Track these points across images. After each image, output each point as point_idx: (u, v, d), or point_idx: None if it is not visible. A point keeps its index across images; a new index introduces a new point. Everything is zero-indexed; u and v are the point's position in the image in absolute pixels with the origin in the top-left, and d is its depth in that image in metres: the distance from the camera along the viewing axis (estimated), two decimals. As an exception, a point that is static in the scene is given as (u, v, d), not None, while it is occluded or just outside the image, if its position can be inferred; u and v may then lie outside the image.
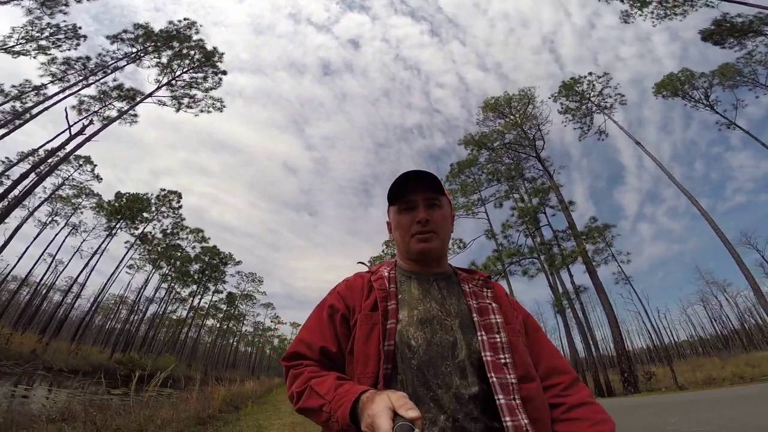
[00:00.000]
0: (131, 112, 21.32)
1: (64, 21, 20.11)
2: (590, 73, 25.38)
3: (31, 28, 19.40)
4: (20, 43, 19.47)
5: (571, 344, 19.77)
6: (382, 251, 33.57)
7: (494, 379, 0.79)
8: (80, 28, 20.46)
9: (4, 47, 19.41)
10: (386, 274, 1.03)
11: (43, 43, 19.88)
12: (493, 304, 0.96)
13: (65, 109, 19.90)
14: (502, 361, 0.84)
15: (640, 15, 22.31)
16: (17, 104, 21.64)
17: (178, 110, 22.50)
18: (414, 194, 1.01)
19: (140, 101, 21.10)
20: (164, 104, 22.12)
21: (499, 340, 0.87)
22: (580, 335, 18.70)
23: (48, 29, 19.73)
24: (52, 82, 20.94)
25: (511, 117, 26.13)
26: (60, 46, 20.21)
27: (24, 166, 24.50)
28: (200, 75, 23.00)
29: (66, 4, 19.54)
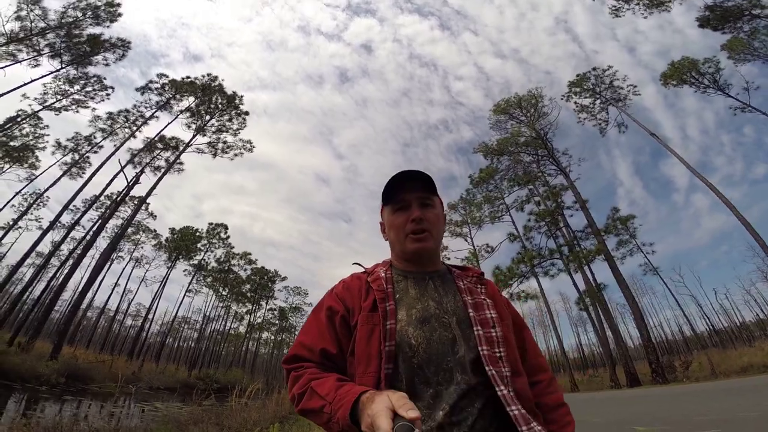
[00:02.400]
0: (177, 161, 25.26)
1: (90, 73, 22.66)
2: (594, 68, 25.97)
3: (60, 84, 22.15)
4: (58, 99, 22.43)
5: (603, 338, 21.15)
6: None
7: (493, 372, 0.85)
8: (105, 78, 23.01)
9: (45, 105, 22.54)
10: (383, 274, 1.06)
11: (77, 97, 22.67)
12: (488, 300, 1.02)
13: (119, 162, 22.87)
14: (498, 354, 0.89)
15: (628, 9, 22.75)
16: (75, 156, 25.39)
17: (215, 156, 25.62)
18: (407, 194, 1.07)
19: (182, 152, 24.07)
20: (203, 152, 25.27)
21: (494, 334, 0.92)
22: (610, 329, 19.97)
23: (77, 83, 22.45)
24: (104, 138, 24.52)
25: (523, 118, 27.23)
26: (93, 98, 22.99)
27: (86, 211, 29.92)
28: (226, 118, 25.73)
29: (92, 64, 22.27)
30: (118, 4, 22.52)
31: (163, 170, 23.78)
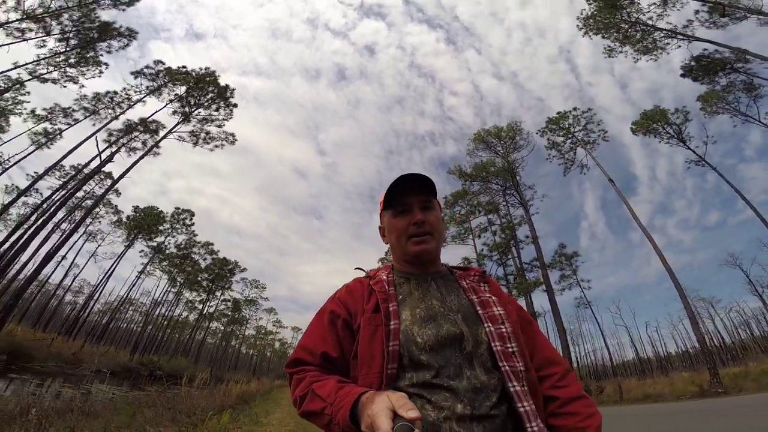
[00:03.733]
0: (154, 143, 25.67)
1: (89, 56, 22.91)
2: (575, 108, 28.68)
3: (55, 57, 22.04)
4: (49, 72, 22.38)
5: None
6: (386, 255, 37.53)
7: (507, 367, 0.90)
8: (102, 55, 23.18)
9: (35, 74, 22.41)
10: (385, 277, 1.12)
11: (69, 71, 22.75)
12: (493, 297, 1.07)
13: (95, 138, 23.64)
14: (510, 350, 0.94)
15: (621, 52, 24.86)
16: (48, 126, 25.96)
17: (195, 145, 26.53)
18: (409, 197, 1.12)
19: (163, 137, 25.02)
20: (184, 140, 26.16)
21: (504, 330, 0.97)
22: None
23: (73, 57, 22.51)
24: (86, 117, 25.13)
25: (499, 148, 29.77)
26: (85, 74, 23.18)
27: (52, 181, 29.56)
28: (213, 108, 26.72)
29: (94, 50, 22.79)
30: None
31: (140, 153, 24.59)
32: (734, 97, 24.32)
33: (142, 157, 23.88)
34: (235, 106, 27.48)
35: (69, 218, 34.32)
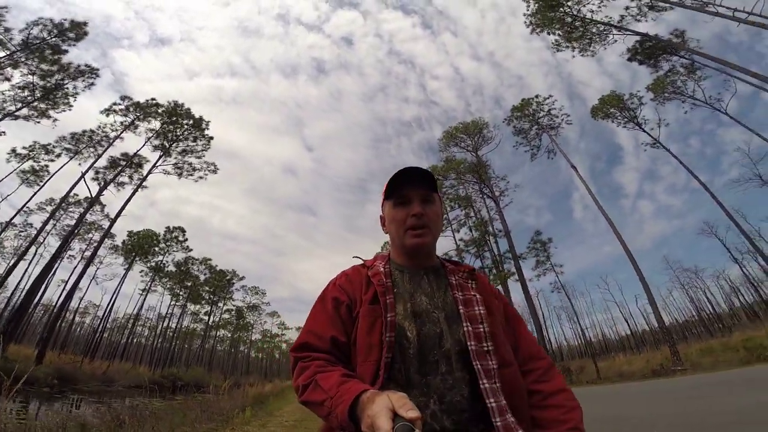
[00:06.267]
0: (140, 179, 28.76)
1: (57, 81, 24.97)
2: (537, 96, 31.70)
3: (20, 92, 23.88)
4: (18, 108, 24.16)
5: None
6: (386, 247, 40.90)
7: (479, 366, 0.99)
8: (70, 95, 24.97)
9: (4, 111, 24.24)
10: (381, 268, 1.20)
11: (41, 105, 24.72)
12: (478, 296, 1.15)
13: (82, 175, 26.62)
14: (485, 348, 1.03)
15: (567, 47, 27.52)
16: (33, 163, 28.73)
17: (180, 177, 29.88)
18: (410, 189, 1.20)
19: (147, 174, 28.32)
20: (168, 173, 29.49)
21: (482, 329, 1.06)
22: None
23: (38, 91, 24.23)
24: (71, 158, 28.01)
25: (469, 141, 32.84)
26: (55, 107, 25.09)
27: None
28: (191, 139, 29.66)
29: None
30: (85, 24, 25.29)
31: (130, 190, 27.90)
32: (681, 81, 26.97)
33: (133, 194, 27.33)
34: (212, 138, 30.78)
35: (65, 247, 37.93)
